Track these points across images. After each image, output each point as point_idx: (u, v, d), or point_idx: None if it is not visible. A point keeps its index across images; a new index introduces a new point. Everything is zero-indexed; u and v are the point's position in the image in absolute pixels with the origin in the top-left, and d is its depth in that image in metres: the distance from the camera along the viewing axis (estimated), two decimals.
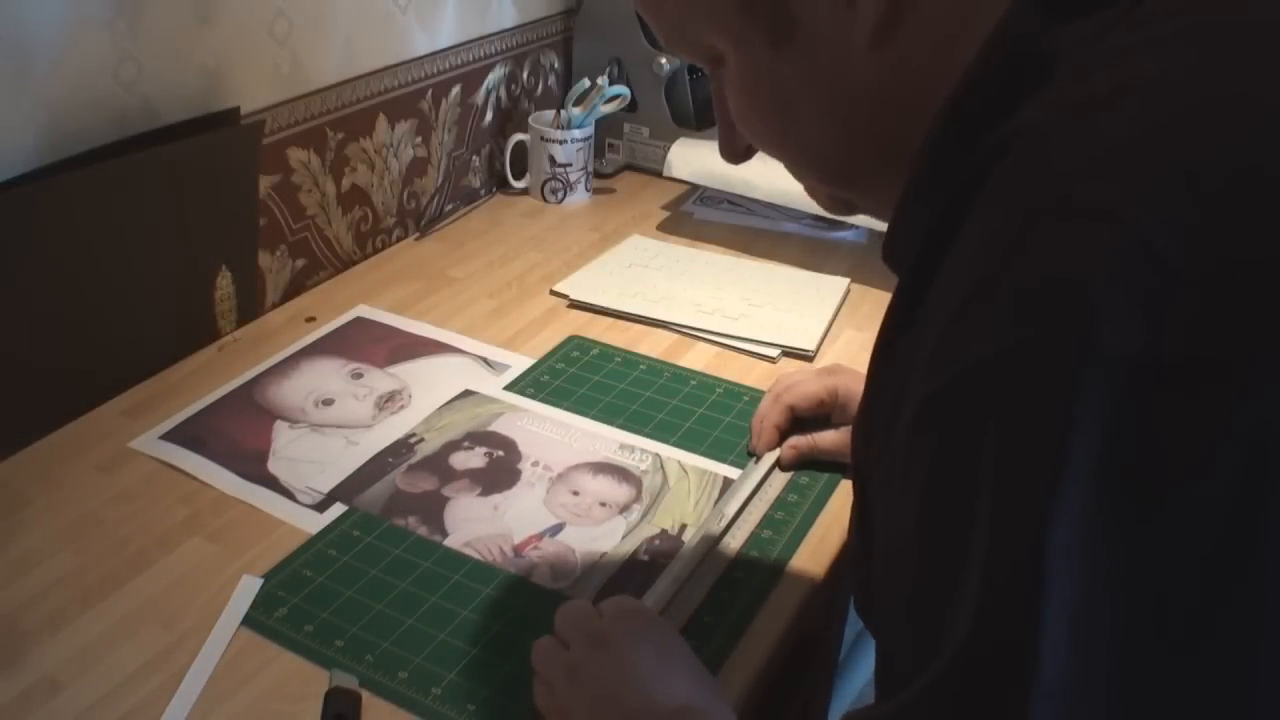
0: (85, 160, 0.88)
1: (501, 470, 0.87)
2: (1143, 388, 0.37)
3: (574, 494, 0.85)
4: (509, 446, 0.90)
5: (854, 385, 0.84)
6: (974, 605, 0.39)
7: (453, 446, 0.90)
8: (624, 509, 0.83)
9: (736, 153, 0.59)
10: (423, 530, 0.80)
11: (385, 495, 0.84)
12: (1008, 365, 0.39)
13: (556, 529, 0.81)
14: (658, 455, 0.89)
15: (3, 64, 0.82)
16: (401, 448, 0.89)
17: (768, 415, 0.88)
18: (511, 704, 0.66)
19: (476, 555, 0.78)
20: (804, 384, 0.87)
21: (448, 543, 0.79)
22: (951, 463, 0.41)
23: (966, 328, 0.41)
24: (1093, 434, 0.37)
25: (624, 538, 0.80)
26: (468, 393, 0.96)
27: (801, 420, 0.88)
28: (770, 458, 0.87)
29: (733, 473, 0.87)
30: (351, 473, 0.86)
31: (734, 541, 0.80)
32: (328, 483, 0.84)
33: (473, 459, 0.88)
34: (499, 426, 0.92)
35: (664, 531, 0.81)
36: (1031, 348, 0.38)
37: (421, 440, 0.90)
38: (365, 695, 0.66)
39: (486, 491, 0.85)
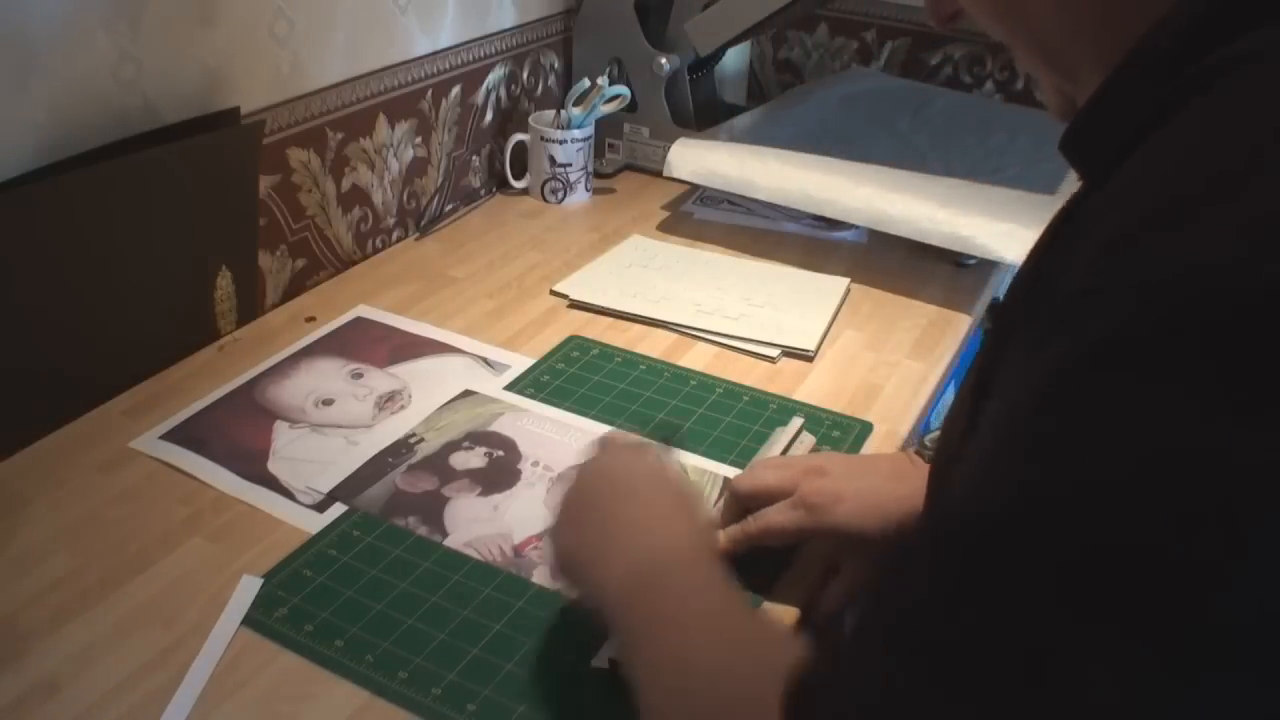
0: (85, 160, 0.88)
1: (502, 470, 0.87)
2: None
3: None
4: (509, 446, 0.90)
5: (842, 519, 0.74)
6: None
7: (453, 446, 0.90)
8: None
9: (943, 16, 0.56)
10: (423, 530, 0.80)
11: (385, 495, 0.84)
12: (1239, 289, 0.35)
13: None
14: None
15: (3, 64, 0.82)
16: (401, 448, 0.89)
17: (727, 532, 0.77)
18: (512, 704, 0.66)
19: (476, 555, 0.78)
20: (775, 518, 0.75)
21: (448, 543, 0.79)
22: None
23: (1181, 236, 0.37)
24: None
25: None
26: (468, 393, 0.96)
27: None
28: None
29: (732, 473, 0.87)
30: (351, 473, 0.86)
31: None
32: (328, 483, 0.84)
33: (473, 459, 0.88)
34: (499, 426, 0.92)
35: None
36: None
37: (421, 440, 0.90)
38: (365, 696, 0.66)
39: (487, 491, 0.85)
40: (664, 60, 1.40)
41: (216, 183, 0.99)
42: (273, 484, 0.84)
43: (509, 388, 0.98)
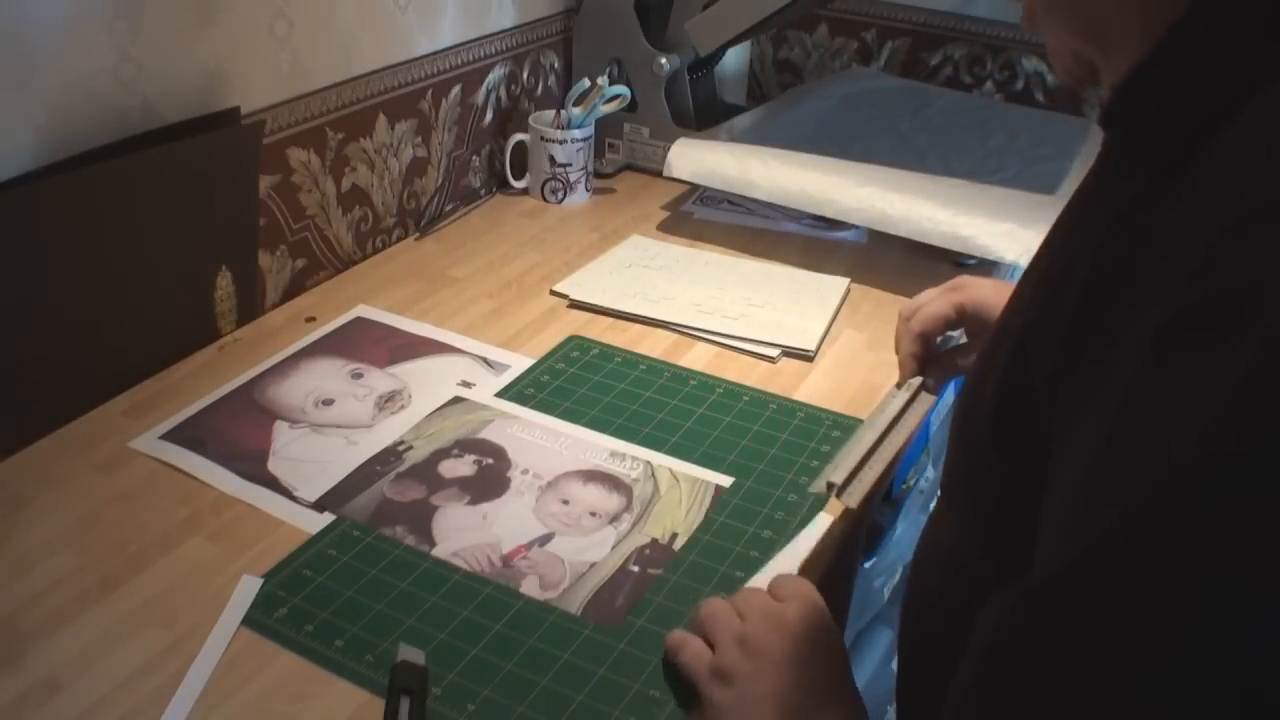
0: (85, 160, 0.88)
1: (491, 478, 0.87)
2: None
3: (564, 503, 0.84)
4: (499, 454, 0.89)
5: (984, 296, 0.84)
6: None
7: (442, 454, 0.89)
8: (614, 519, 0.82)
9: None
10: (410, 539, 0.80)
11: (373, 504, 0.83)
12: None
13: (545, 539, 0.80)
14: (649, 463, 0.88)
15: (3, 63, 0.82)
16: (390, 455, 0.88)
17: (902, 346, 0.90)
18: (511, 704, 0.66)
19: (464, 565, 0.77)
20: (929, 305, 0.87)
21: (435, 552, 0.78)
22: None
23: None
24: None
25: (613, 548, 0.80)
26: (457, 400, 0.96)
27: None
28: (914, 382, 0.91)
29: (725, 480, 0.87)
30: (339, 481, 0.85)
31: (735, 544, 0.80)
32: (315, 491, 0.84)
33: (461, 467, 0.88)
34: (489, 434, 0.92)
35: (654, 541, 0.80)
36: None
37: (410, 448, 0.89)
38: (365, 696, 0.67)
39: (475, 500, 0.84)
40: (664, 60, 1.40)
41: (216, 183, 0.99)
42: (273, 484, 0.84)
43: (509, 387, 0.98)
